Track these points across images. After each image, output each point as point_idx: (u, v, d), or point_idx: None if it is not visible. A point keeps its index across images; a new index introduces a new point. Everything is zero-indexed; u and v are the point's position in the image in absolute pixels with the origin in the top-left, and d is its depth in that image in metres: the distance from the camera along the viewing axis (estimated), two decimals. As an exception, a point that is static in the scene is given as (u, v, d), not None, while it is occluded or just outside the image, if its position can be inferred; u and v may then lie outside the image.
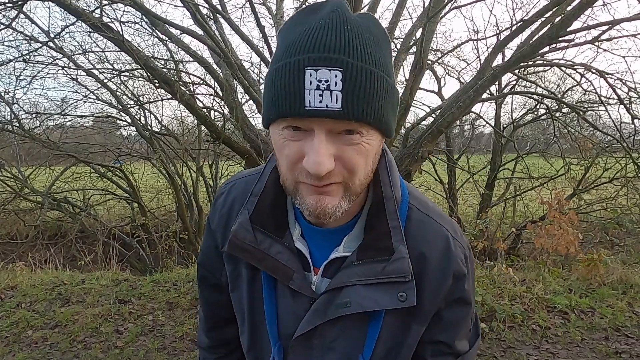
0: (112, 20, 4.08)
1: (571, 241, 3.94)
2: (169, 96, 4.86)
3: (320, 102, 0.48)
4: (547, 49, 4.09)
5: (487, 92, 5.69)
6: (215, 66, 4.79)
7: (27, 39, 4.93)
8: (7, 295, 3.50)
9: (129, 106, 6.27)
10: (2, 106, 5.62)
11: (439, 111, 4.58)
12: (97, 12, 3.95)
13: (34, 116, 6.13)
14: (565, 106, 6.23)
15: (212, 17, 4.43)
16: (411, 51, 4.87)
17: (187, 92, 4.92)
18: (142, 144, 7.68)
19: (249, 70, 4.79)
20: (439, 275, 0.63)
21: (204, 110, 5.49)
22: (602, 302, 3.26)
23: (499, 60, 4.60)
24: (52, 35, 4.77)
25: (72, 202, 6.83)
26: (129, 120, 6.49)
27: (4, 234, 6.89)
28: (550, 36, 3.44)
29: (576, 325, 2.98)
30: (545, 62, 5.27)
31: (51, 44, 4.81)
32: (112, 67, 5.73)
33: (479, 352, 2.67)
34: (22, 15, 4.42)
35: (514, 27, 4.26)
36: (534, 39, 3.78)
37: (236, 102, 4.73)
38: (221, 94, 5.02)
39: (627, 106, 5.07)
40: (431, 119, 4.86)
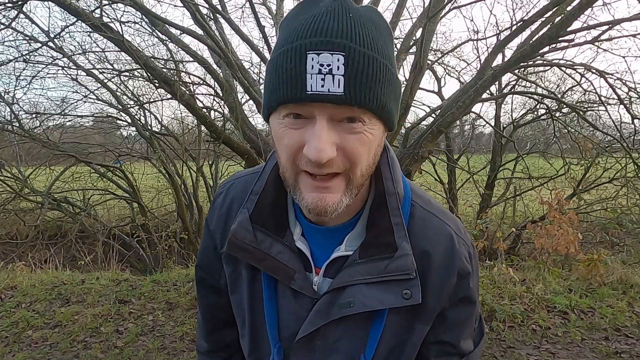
0: (112, 20, 4.08)
1: (571, 241, 3.94)
2: (169, 96, 4.86)
3: (322, 86, 0.47)
4: (547, 49, 4.09)
5: (487, 92, 5.69)
6: (215, 66, 4.79)
7: (27, 39, 4.94)
8: (7, 295, 3.50)
9: (129, 106, 6.27)
10: (2, 106, 5.63)
11: (439, 111, 4.58)
12: (97, 12, 3.95)
13: (34, 116, 6.13)
14: (565, 106, 6.23)
15: (212, 17, 4.43)
16: (411, 51, 4.87)
17: (187, 92, 4.91)
18: (142, 144, 7.67)
19: (249, 70, 4.80)
20: (443, 273, 0.62)
21: (204, 110, 5.48)
22: (602, 302, 3.25)
23: (499, 60, 4.61)
24: (52, 35, 4.78)
25: (72, 202, 6.83)
26: (129, 120, 6.49)
27: (4, 234, 6.89)
28: (550, 36, 3.44)
29: (576, 325, 2.98)
30: (545, 62, 5.27)
31: (51, 44, 4.81)
32: (112, 67, 5.73)
33: (479, 352, 2.66)
34: (22, 15, 4.44)
35: (514, 27, 4.26)
36: (534, 39, 3.79)
37: (236, 102, 4.73)
38: (221, 94, 5.02)
39: (627, 106, 5.08)
40: (431, 119, 4.87)
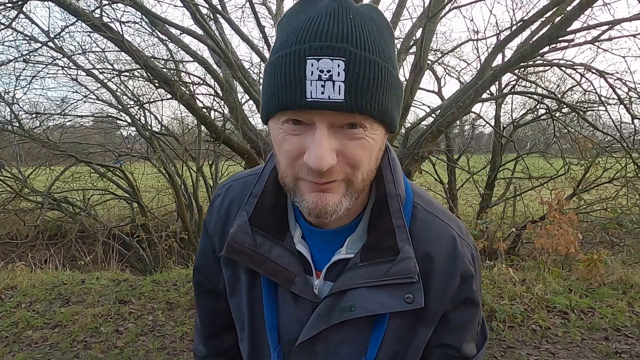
0: (112, 20, 4.08)
1: (571, 241, 3.94)
2: (169, 96, 4.87)
3: (322, 93, 0.46)
4: (547, 49, 4.08)
5: (487, 92, 5.68)
6: (215, 66, 4.79)
7: (27, 39, 4.94)
8: (7, 295, 3.50)
9: (129, 106, 6.28)
10: (2, 106, 5.63)
11: (439, 111, 4.58)
12: (97, 12, 3.95)
13: (34, 116, 6.14)
14: (565, 106, 6.22)
15: (212, 17, 4.43)
16: (411, 51, 4.87)
17: (187, 92, 4.91)
18: (142, 144, 7.67)
19: (249, 70, 4.79)
20: (445, 275, 0.61)
21: (204, 110, 5.49)
22: (602, 302, 3.26)
23: (499, 60, 4.61)
24: (52, 35, 4.78)
25: (72, 202, 6.83)
26: (129, 120, 6.50)
27: (4, 234, 6.88)
28: (550, 36, 3.44)
29: (576, 325, 2.98)
30: (545, 62, 5.27)
31: (51, 44, 4.81)
32: (112, 67, 5.74)
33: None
34: (22, 15, 4.43)
35: (514, 27, 4.26)
36: (534, 39, 3.79)
37: (236, 102, 4.73)
38: (221, 94, 5.01)
39: (627, 106, 5.07)
40: (431, 119, 4.86)
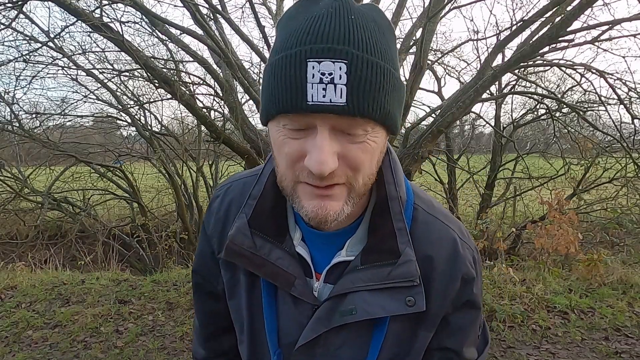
0: (112, 20, 4.09)
1: (571, 241, 3.94)
2: (169, 96, 4.87)
3: (323, 96, 0.45)
4: (547, 49, 4.09)
5: (487, 92, 5.68)
6: (215, 66, 4.80)
7: (27, 39, 4.94)
8: (7, 295, 3.50)
9: (129, 106, 6.28)
10: (2, 106, 5.64)
11: (439, 111, 4.58)
12: (97, 12, 3.95)
13: (34, 116, 6.14)
14: (565, 106, 6.22)
15: (212, 17, 4.43)
16: (411, 51, 4.88)
17: (187, 92, 4.91)
18: (142, 144, 7.67)
19: (249, 70, 4.80)
20: (446, 278, 0.61)
21: (204, 110, 5.49)
22: (602, 302, 3.26)
23: (499, 60, 4.61)
24: (52, 35, 4.78)
25: (72, 202, 6.83)
26: (129, 120, 6.50)
27: (4, 234, 6.89)
28: (550, 36, 3.44)
29: (576, 325, 2.98)
30: (545, 62, 5.27)
31: (51, 44, 4.81)
32: (112, 67, 5.74)
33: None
34: (22, 15, 4.44)
35: (514, 27, 4.26)
36: (534, 39, 3.79)
37: (236, 102, 4.74)
38: (221, 94, 5.02)
39: (627, 106, 5.08)
40: (431, 119, 4.86)
